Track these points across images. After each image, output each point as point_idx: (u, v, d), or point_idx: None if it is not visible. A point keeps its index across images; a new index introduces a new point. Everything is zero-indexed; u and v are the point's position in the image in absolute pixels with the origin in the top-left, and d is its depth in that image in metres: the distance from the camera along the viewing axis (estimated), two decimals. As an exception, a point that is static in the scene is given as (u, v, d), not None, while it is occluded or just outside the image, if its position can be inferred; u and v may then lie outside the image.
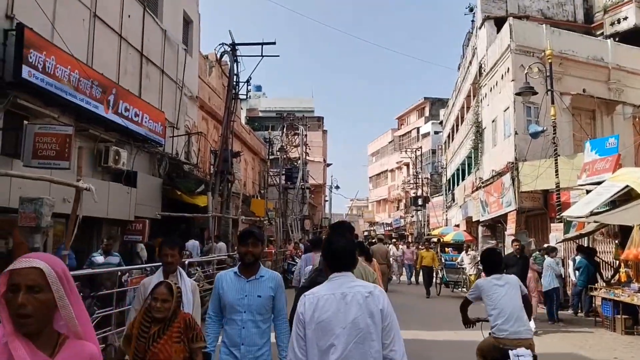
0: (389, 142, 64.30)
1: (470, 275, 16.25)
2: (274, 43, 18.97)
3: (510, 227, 17.34)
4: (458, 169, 29.87)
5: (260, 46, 18.86)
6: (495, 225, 21.30)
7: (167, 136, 18.24)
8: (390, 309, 2.52)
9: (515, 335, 4.43)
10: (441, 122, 43.67)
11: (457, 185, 30.64)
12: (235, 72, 18.42)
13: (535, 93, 14.04)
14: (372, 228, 64.82)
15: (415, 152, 48.98)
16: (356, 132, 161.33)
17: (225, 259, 13.71)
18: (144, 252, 14.48)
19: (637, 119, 17.28)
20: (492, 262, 4.94)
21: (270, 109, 45.34)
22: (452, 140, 33.42)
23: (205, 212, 16.82)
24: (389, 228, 61.14)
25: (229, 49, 18.16)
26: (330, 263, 2.65)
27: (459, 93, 30.02)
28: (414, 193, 49.47)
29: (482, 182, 21.28)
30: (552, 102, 14.00)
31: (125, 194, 14.03)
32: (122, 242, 14.39)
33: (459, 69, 33.53)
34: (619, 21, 20.31)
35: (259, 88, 52.60)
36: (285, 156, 31.24)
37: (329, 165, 53.00)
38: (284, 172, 32.71)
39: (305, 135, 35.12)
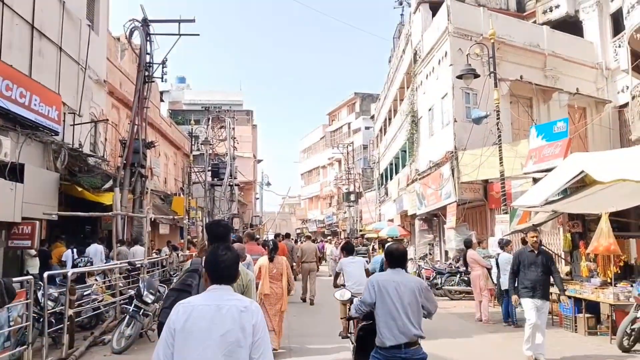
0: (321, 138, 63.31)
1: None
2: (192, 20, 16.95)
3: (450, 220, 16.40)
4: (391, 163, 29.03)
5: (178, 24, 16.79)
6: (432, 219, 20.44)
7: (66, 124, 15.83)
8: (263, 324, 2.55)
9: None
10: (372, 117, 43.01)
11: (391, 179, 29.81)
12: (148, 51, 16.23)
13: (477, 75, 13.07)
14: (304, 225, 63.63)
15: (347, 147, 48.13)
16: (287, 128, 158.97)
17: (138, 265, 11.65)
18: (34, 261, 12.17)
19: (573, 107, 16.85)
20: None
21: (195, 101, 42.65)
22: (385, 134, 32.62)
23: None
24: (322, 225, 60.18)
25: (139, 25, 15.94)
26: (211, 275, 2.63)
27: (391, 85, 29.17)
28: (346, 189, 48.71)
29: (419, 174, 20.34)
30: (496, 86, 13.05)
31: (9, 190, 11.60)
32: (6, 248, 11.98)
33: (389, 62, 32.78)
34: (551, 9, 19.98)
35: (182, 80, 49.60)
36: (210, 150, 29.05)
37: (259, 161, 50.99)
38: (209, 168, 30.50)
39: (233, 128, 33.05)
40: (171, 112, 39.65)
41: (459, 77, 13.45)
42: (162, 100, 37.51)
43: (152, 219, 22.17)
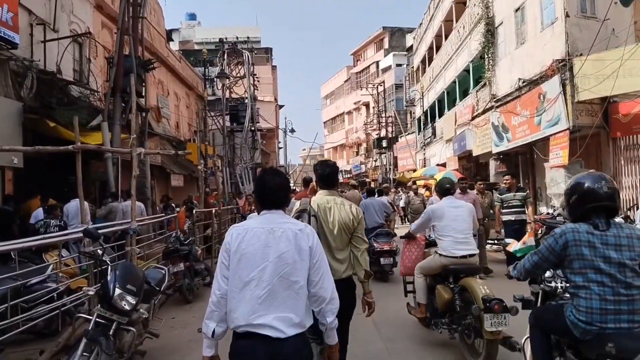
0: (345, 82, 58.28)
1: None
2: None
3: (558, 155, 12.05)
4: (442, 96, 24.40)
5: None
6: (518, 157, 16.07)
7: (35, 40, 11.64)
8: (320, 248, 2.53)
9: None
10: (409, 49, 37.94)
11: (440, 116, 25.27)
12: None
13: None
14: (329, 177, 59.63)
15: (377, 88, 43.27)
16: (307, 73, 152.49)
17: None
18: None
19: None
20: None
21: (208, 40, 37.95)
22: (429, 63, 27.81)
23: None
24: (349, 175, 56.02)
25: None
26: (260, 200, 2.61)
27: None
28: (376, 134, 44.23)
29: (495, 101, 15.85)
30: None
31: None
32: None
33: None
34: None
35: (192, 16, 44.56)
36: (228, 86, 24.62)
37: (281, 106, 46.51)
38: (227, 111, 26.20)
39: (252, 64, 28.48)
40: (182, 52, 35.08)
41: None
42: (171, 40, 33.03)
43: (166, 170, 18.34)
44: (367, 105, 50.56)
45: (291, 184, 32.68)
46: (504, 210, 9.14)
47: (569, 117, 11.63)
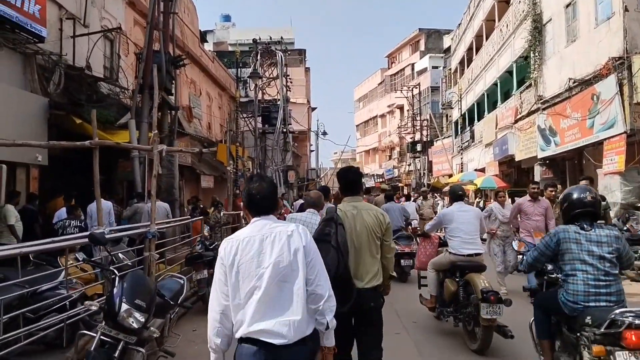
0: (379, 84, 57.41)
1: None
2: None
3: (614, 161, 11.10)
4: (482, 98, 23.44)
5: None
6: (565, 163, 15.07)
7: (64, 35, 11.42)
8: (314, 246, 2.52)
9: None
10: (447, 50, 36.91)
11: (480, 119, 24.29)
12: None
13: None
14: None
15: (412, 90, 42.29)
16: (341, 74, 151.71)
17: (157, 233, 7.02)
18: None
19: None
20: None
21: (242, 41, 37.81)
22: (468, 65, 26.84)
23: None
24: (381, 180, 55.11)
25: None
26: (249, 208, 2.61)
27: (482, -1, 23.22)
28: (410, 138, 43.22)
29: (542, 102, 14.91)
30: None
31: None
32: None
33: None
34: None
35: (227, 18, 44.61)
36: (260, 86, 24.23)
37: (314, 109, 46.04)
38: (259, 112, 25.83)
39: (286, 65, 28.06)
40: (215, 54, 35.02)
41: None
42: (205, 41, 32.98)
43: (196, 171, 18.02)
44: (401, 108, 49.58)
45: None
46: None
47: (626, 120, 10.69)
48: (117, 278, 3.66)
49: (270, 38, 27.05)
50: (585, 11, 12.52)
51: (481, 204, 17.58)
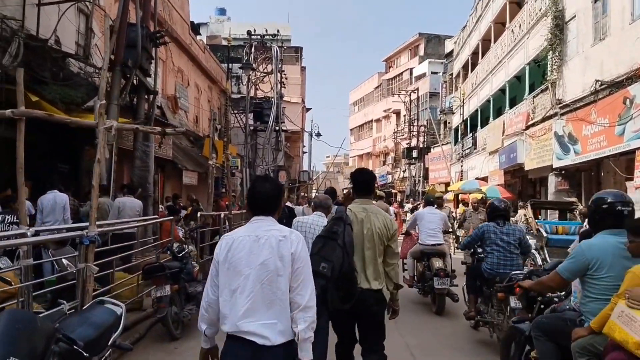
0: (375, 88, 56.14)
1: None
2: None
3: (647, 174, 9.79)
4: (487, 104, 22.16)
5: None
6: (581, 174, 13.75)
7: (28, 3, 9.94)
8: (304, 254, 2.51)
9: None
10: (448, 54, 35.70)
11: (483, 125, 23.01)
12: None
13: None
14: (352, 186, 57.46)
15: (410, 95, 41.06)
16: (337, 76, 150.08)
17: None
18: None
19: None
20: None
21: (237, 36, 36.29)
22: (472, 69, 25.59)
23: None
24: (375, 185, 53.83)
25: None
26: (251, 206, 2.65)
27: (491, -2, 21.94)
28: (406, 144, 41.99)
29: (561, 107, 13.59)
30: None
31: None
32: None
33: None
34: None
35: (222, 11, 43.07)
36: (253, 81, 22.78)
37: (308, 109, 44.61)
38: (251, 108, 24.37)
39: (281, 59, 26.63)
40: (209, 47, 33.55)
41: None
42: (198, 34, 31.50)
43: (178, 165, 16.47)
44: (397, 113, 48.36)
45: (314, 190, 30.59)
46: None
47: (665, 127, 9.39)
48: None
49: (266, 31, 25.58)
50: (618, 6, 11.22)
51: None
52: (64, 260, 5.71)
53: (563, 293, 3.89)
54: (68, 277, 5.21)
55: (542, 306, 3.99)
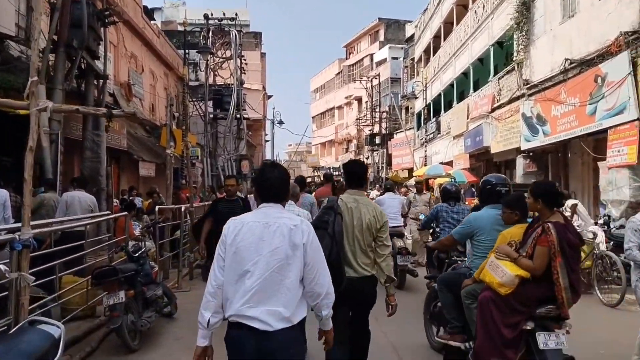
0: (336, 75, 55.73)
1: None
2: None
3: (622, 153, 9.63)
4: (452, 87, 21.98)
5: None
6: (548, 156, 13.64)
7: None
8: (316, 244, 2.51)
9: None
10: (409, 39, 35.49)
11: (447, 109, 22.86)
12: None
13: None
14: (316, 174, 56.97)
15: (372, 81, 40.75)
16: (297, 63, 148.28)
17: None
18: None
19: None
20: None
21: (194, 21, 34.97)
22: (435, 53, 25.38)
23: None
24: (337, 173, 53.48)
25: None
26: (259, 193, 2.62)
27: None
28: (369, 130, 41.81)
29: (528, 87, 13.40)
30: None
31: None
32: None
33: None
34: None
35: (177, -4, 41.75)
36: (212, 67, 21.87)
37: (269, 97, 43.69)
38: (210, 95, 23.47)
39: (240, 45, 25.71)
40: (165, 34, 32.17)
41: None
42: (152, 19, 30.11)
43: (134, 156, 15.50)
44: (359, 99, 48.12)
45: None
46: None
47: (639, 104, 9.23)
48: None
49: (224, 14, 24.61)
50: (587, -18, 11.03)
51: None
52: (1, 266, 4.96)
53: (464, 258, 4.91)
54: (4, 285, 4.49)
55: (449, 268, 5.25)
